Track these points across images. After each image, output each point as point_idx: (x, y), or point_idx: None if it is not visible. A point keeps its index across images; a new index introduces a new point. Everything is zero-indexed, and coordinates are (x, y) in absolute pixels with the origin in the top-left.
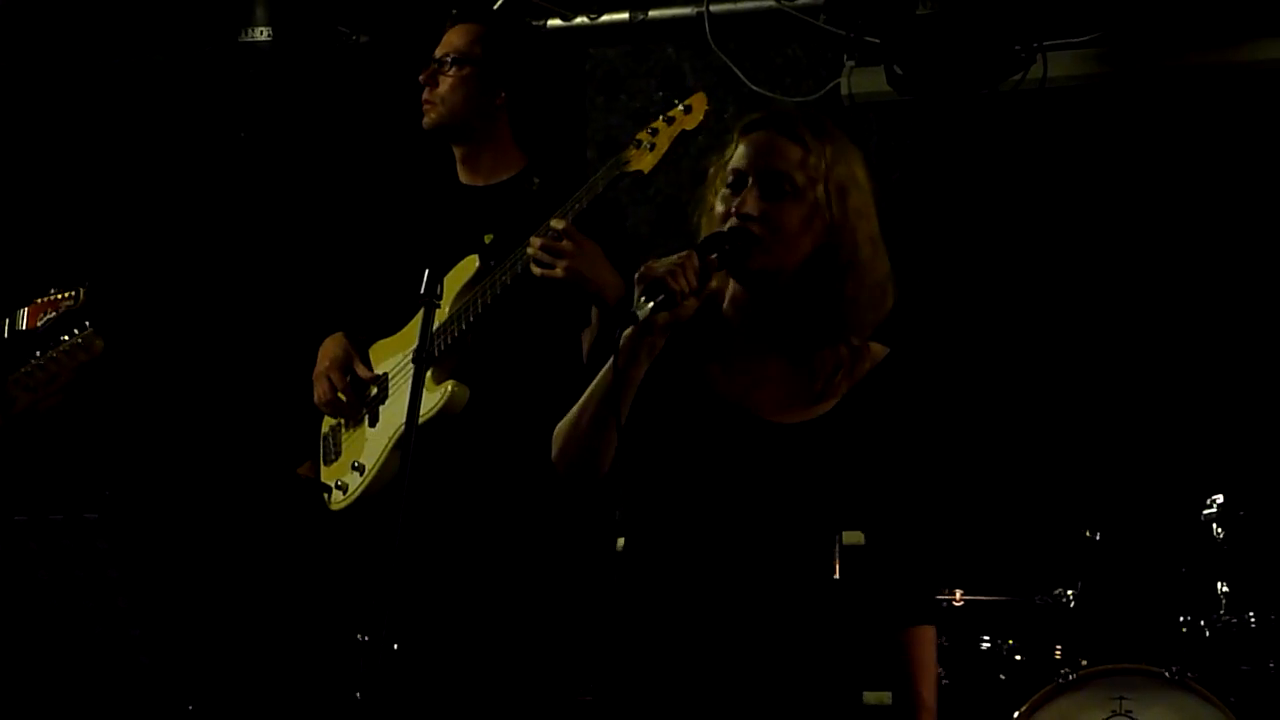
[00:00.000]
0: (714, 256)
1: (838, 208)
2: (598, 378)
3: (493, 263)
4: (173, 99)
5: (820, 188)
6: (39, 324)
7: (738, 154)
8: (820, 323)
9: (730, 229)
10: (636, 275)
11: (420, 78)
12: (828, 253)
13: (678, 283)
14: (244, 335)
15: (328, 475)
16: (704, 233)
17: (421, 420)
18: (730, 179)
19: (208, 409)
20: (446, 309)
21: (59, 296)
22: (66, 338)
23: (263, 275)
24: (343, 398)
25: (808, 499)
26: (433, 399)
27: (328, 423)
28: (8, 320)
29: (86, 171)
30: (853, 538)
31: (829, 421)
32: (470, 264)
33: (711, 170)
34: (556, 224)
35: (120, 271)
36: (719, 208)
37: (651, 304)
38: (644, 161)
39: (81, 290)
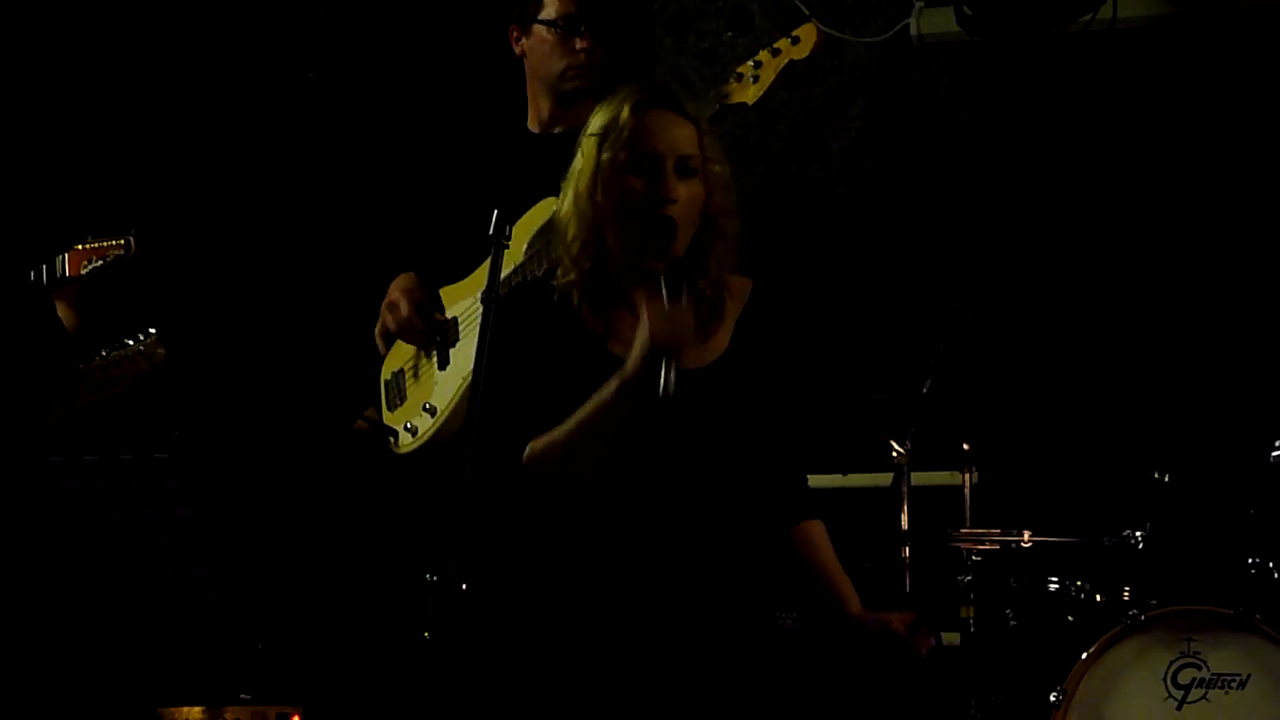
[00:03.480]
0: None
1: (714, 172)
2: (595, 405)
3: None
4: (240, 38)
5: (715, 161)
6: (83, 271)
7: (643, 133)
8: (697, 271)
9: (664, 227)
10: (647, 348)
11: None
12: (706, 214)
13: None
14: (309, 278)
15: (393, 419)
16: (586, 199)
17: None
18: (639, 160)
19: (273, 349)
20: (521, 252)
21: (106, 244)
22: (131, 342)
23: (329, 218)
24: (418, 324)
25: (723, 431)
26: None
27: (390, 368)
28: (46, 266)
29: (146, 113)
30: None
31: (730, 357)
32: (547, 206)
33: (605, 152)
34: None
35: (183, 213)
36: (636, 186)
37: (673, 364)
38: (747, 93)
39: (131, 239)
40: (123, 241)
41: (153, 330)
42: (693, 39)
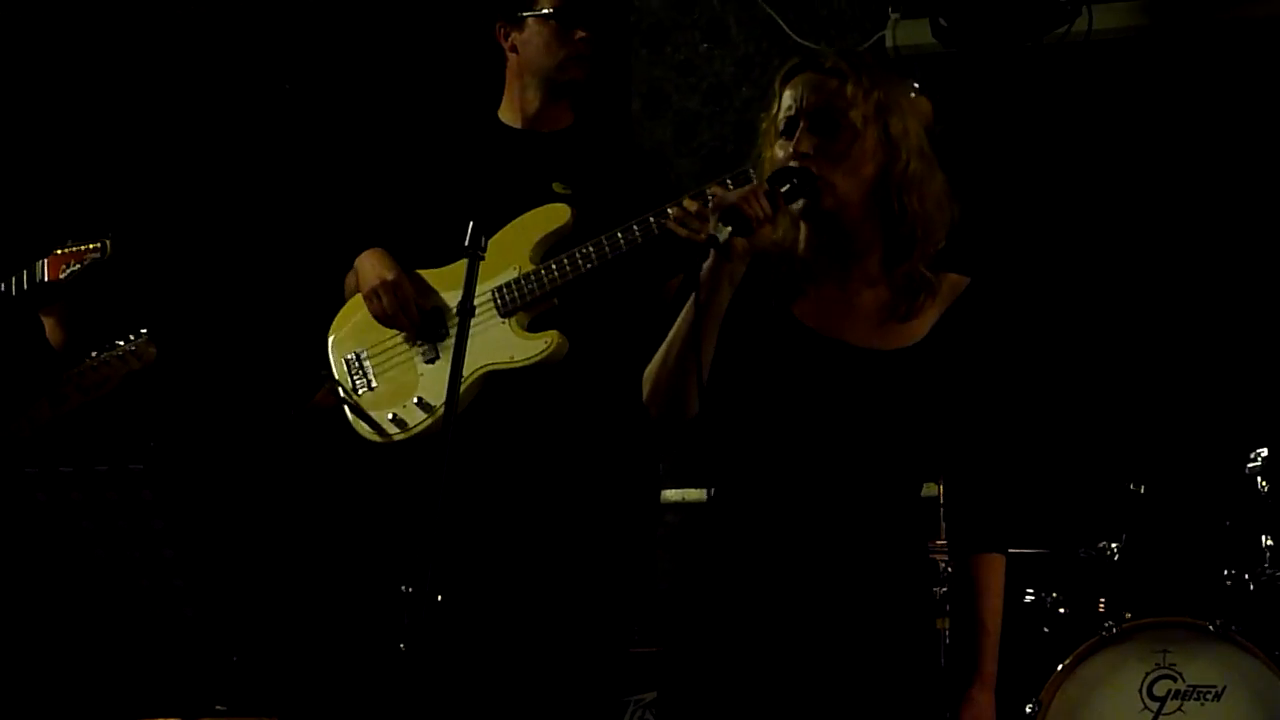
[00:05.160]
0: (785, 189)
1: (883, 126)
2: (682, 313)
3: (576, 213)
4: (214, 48)
5: (863, 111)
6: (62, 275)
7: (784, 103)
8: (891, 242)
9: (793, 167)
10: (710, 205)
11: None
12: (886, 173)
13: (751, 209)
14: (284, 285)
15: (369, 404)
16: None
17: (517, 366)
18: (782, 127)
19: (246, 355)
20: (526, 255)
21: (83, 248)
22: (122, 343)
23: (300, 214)
24: (414, 313)
25: (909, 421)
26: (535, 347)
27: (348, 345)
28: (26, 272)
29: (119, 120)
30: (930, 489)
31: (926, 347)
32: (558, 212)
33: (764, 125)
34: (715, 190)
35: (155, 220)
36: (779, 154)
37: (729, 228)
38: None
39: (107, 242)
40: (98, 245)
41: (144, 330)
42: (669, 50)
